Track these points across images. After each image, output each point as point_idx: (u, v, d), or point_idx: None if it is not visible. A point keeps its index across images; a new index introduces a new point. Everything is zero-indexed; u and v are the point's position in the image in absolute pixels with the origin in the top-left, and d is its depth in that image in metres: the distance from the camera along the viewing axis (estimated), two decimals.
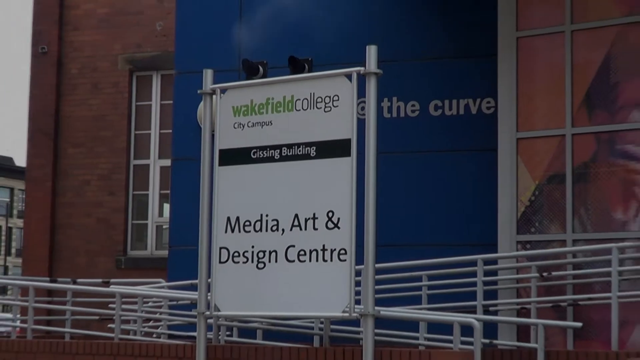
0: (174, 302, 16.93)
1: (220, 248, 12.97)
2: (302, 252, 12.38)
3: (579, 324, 14.96)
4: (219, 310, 13.09)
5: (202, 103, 13.80)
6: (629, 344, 14.88)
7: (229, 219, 12.97)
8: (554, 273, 15.96)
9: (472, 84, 17.83)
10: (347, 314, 12.09)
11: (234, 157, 13.06)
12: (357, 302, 12.29)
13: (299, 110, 12.68)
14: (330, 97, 12.40)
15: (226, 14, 19.45)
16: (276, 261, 12.58)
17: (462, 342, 12.65)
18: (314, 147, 12.46)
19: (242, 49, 17.88)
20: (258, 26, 19.05)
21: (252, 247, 12.75)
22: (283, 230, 12.56)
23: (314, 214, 12.34)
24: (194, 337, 13.72)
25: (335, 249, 12.15)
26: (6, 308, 28.56)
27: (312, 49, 16.18)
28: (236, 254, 12.86)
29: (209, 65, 13.95)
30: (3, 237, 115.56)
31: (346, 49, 13.27)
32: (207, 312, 13.12)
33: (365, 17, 18.35)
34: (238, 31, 19.15)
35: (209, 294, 13.06)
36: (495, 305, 16.12)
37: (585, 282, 15.66)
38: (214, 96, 13.34)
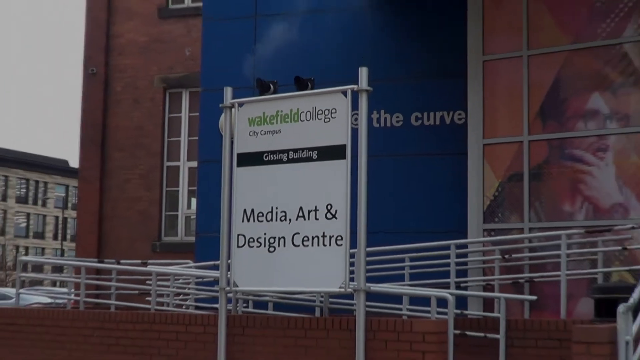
0: (200, 280, 16.90)
1: (238, 235, 12.99)
2: (305, 238, 12.40)
3: (534, 297, 14.94)
4: (237, 286, 13.10)
5: (223, 115, 13.78)
6: (575, 314, 14.86)
7: (245, 210, 12.97)
8: (513, 255, 15.94)
9: (446, 99, 17.77)
10: (342, 289, 12.13)
11: (249, 159, 13.09)
12: (351, 279, 12.27)
13: (303, 120, 12.70)
14: (329, 110, 12.43)
15: (243, 41, 19.42)
16: (284, 245, 12.59)
17: (438, 313, 12.62)
18: (316, 151, 12.49)
19: (256, 70, 17.86)
20: (269, 51, 19.05)
21: (264, 234, 12.77)
22: (290, 220, 12.57)
23: (316, 207, 12.35)
24: (216, 309, 13.72)
25: (333, 236, 12.17)
26: (62, 284, 28.57)
27: (314, 70, 16.12)
28: (251, 240, 12.87)
29: (228, 83, 13.95)
30: (60, 226, 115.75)
31: (342, 70, 13.27)
32: (227, 288, 13.13)
33: (358, 43, 18.32)
34: (253, 55, 19.14)
35: (228, 272, 13.08)
36: (465, 282, 16.08)
37: (539, 262, 15.62)
38: (233, 109, 13.38)
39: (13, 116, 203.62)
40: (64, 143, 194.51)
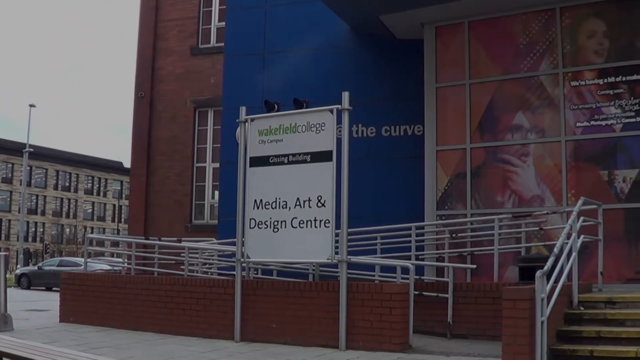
0: (221, 253, 16.89)
1: (250, 219, 13.00)
2: (301, 222, 12.43)
3: (474, 266, 15.00)
4: (249, 258, 13.11)
5: (239, 127, 13.74)
6: (505, 278, 14.85)
7: (255, 200, 12.98)
8: (459, 234, 15.94)
9: (408, 116, 17.76)
10: (329, 260, 12.19)
11: (259, 161, 13.10)
12: (336, 253, 12.28)
13: (300, 132, 12.72)
14: (319, 124, 12.47)
15: (254, 71, 19.42)
16: (285, 227, 12.61)
17: (402, 278, 12.61)
18: (309, 156, 12.52)
19: (264, 94, 17.84)
20: (274, 79, 19.03)
21: (270, 218, 12.79)
22: (289, 207, 12.60)
23: (309, 198, 12.37)
24: (233, 275, 13.69)
25: (322, 220, 12.20)
26: (118, 255, 28.76)
27: (308, 93, 16.10)
28: (260, 223, 12.89)
29: (243, 104, 13.99)
30: (117, 212, 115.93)
31: (330, 93, 13.26)
32: (242, 259, 13.13)
33: (342, 72, 18.32)
34: (261, 82, 19.14)
35: (243, 247, 13.07)
36: (423, 255, 16.08)
37: (478, 240, 15.63)
38: (247, 123, 13.37)
39: (83, 126, 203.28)
40: (121, 148, 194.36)
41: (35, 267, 44.34)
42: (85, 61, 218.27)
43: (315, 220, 12.34)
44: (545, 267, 10.05)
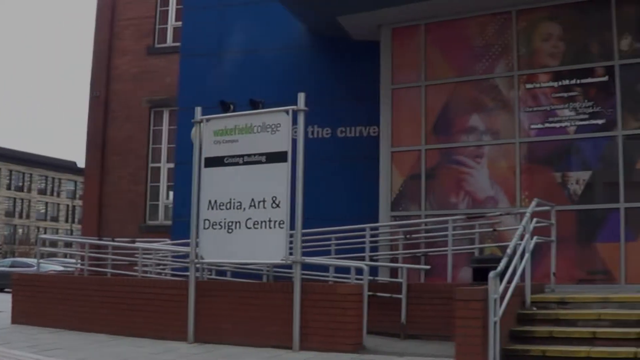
0: (175, 254, 16.81)
1: (204, 219, 12.92)
2: (256, 223, 12.38)
3: (428, 267, 15.03)
4: (203, 259, 13.05)
5: (194, 128, 13.68)
6: (458, 279, 14.94)
7: (210, 201, 12.92)
8: (413, 235, 16.01)
9: (364, 117, 17.83)
10: (284, 261, 12.18)
11: (214, 162, 13.03)
12: (291, 253, 12.28)
13: (255, 133, 12.68)
14: (275, 124, 12.43)
15: (210, 72, 19.39)
16: (239, 228, 12.55)
17: (356, 279, 12.61)
18: (264, 156, 12.47)
19: (220, 93, 17.73)
20: (230, 79, 18.99)
21: (225, 219, 12.72)
22: (244, 208, 12.54)
23: (264, 198, 12.33)
24: (187, 276, 13.63)
25: (276, 220, 12.16)
26: (71, 256, 28.51)
27: (265, 93, 16.09)
28: (214, 223, 12.82)
29: (198, 104, 13.89)
30: (70, 212, 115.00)
31: (287, 94, 13.22)
32: (196, 260, 13.07)
33: (299, 73, 18.34)
34: (217, 82, 19.08)
35: (197, 248, 13.01)
36: (377, 255, 16.12)
37: (432, 241, 15.68)
38: (202, 124, 13.29)
39: (35, 126, 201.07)
40: (74, 148, 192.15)
41: None
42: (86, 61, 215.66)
43: (269, 221, 12.30)
44: (498, 268, 10.11)
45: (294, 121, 12.36)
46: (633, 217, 14.33)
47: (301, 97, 12.42)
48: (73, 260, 23.98)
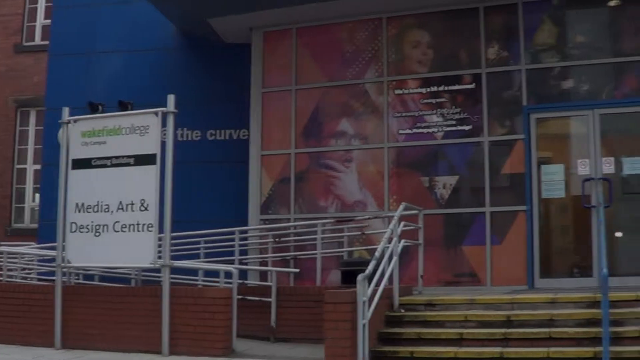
0: (42, 257, 16.43)
1: (71, 222, 12.62)
2: (124, 226, 12.16)
3: (297, 270, 15.08)
4: (70, 263, 12.76)
5: (62, 128, 13.36)
6: (327, 282, 15.02)
7: (77, 204, 12.63)
8: (282, 239, 16.00)
9: (234, 120, 17.73)
10: (152, 265, 12.03)
11: (81, 164, 12.75)
12: (160, 257, 12.13)
13: (124, 134, 12.48)
14: (144, 126, 12.27)
15: (78, 72, 18.96)
16: (107, 231, 12.31)
17: (225, 283, 12.54)
18: (133, 158, 12.28)
19: (89, 94, 17.27)
20: (99, 80, 18.60)
21: (92, 222, 12.45)
22: (112, 211, 12.30)
23: (132, 201, 12.13)
24: (54, 280, 13.30)
25: (145, 224, 11.98)
26: None
27: (135, 95, 15.77)
28: (82, 227, 12.53)
29: (66, 104, 13.57)
30: None
31: (157, 95, 13.05)
32: (63, 264, 12.76)
33: (169, 74, 18.11)
34: (86, 83, 18.68)
35: (64, 252, 12.70)
36: (246, 259, 16.07)
37: (301, 244, 15.72)
38: (69, 124, 13.00)
39: None
40: None
41: None
42: None
43: (138, 224, 12.10)
44: (367, 271, 10.19)
45: (164, 123, 12.20)
46: (498, 221, 14.69)
47: (171, 99, 12.27)
48: None
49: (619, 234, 14.32)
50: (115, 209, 12.30)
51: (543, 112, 14.84)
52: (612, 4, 14.79)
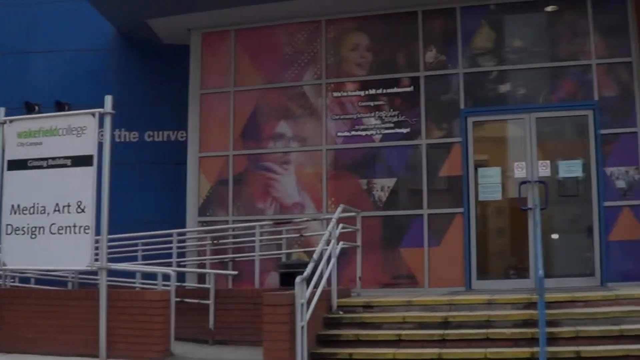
0: None
1: (7, 224, 12.38)
2: (61, 228, 11.97)
3: (236, 272, 15.07)
4: (6, 265, 12.56)
5: None
6: (266, 284, 15.01)
7: (12, 205, 12.40)
8: (221, 241, 15.96)
9: (172, 121, 17.67)
10: (89, 267, 11.83)
11: (17, 165, 12.51)
12: (97, 260, 11.99)
13: (60, 135, 12.27)
14: (81, 127, 12.08)
15: (16, 71, 18.68)
16: (44, 233, 12.11)
17: (163, 285, 12.47)
18: (70, 160, 12.08)
19: (25, 94, 17.23)
20: (37, 80, 18.39)
21: (28, 224, 12.23)
22: (48, 213, 12.10)
23: (69, 203, 11.94)
24: None
25: (82, 226, 11.80)
26: None
27: (72, 95, 15.79)
28: (17, 229, 12.31)
29: (3, 104, 13.31)
30: None
31: (95, 96, 12.90)
32: None
33: (106, 75, 17.98)
34: (23, 83, 18.45)
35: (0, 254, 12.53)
36: (185, 261, 15.99)
37: (240, 246, 15.70)
38: (5, 125, 12.78)
39: None
40: None
41: None
42: None
43: (74, 226, 11.94)
44: (305, 273, 10.19)
45: (101, 124, 12.08)
46: (436, 223, 14.84)
47: (108, 99, 12.12)
48: None
49: (554, 236, 14.57)
50: (51, 210, 12.13)
51: (480, 115, 15.02)
52: (549, 9, 15.04)
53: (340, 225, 12.31)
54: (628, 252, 14.07)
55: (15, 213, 12.42)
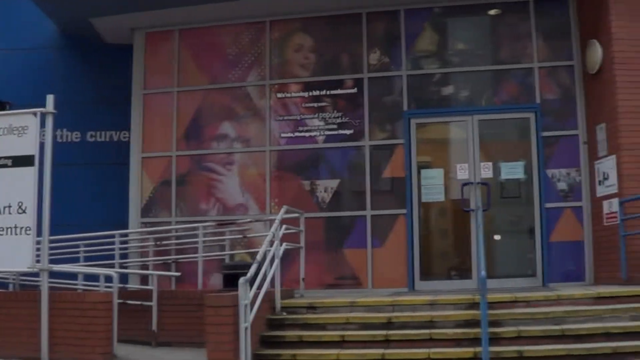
0: None
1: None
2: (1, 229, 11.81)
3: (179, 274, 14.98)
4: None
5: None
6: (209, 285, 14.99)
7: None
8: (164, 242, 15.89)
9: (115, 122, 17.52)
10: (30, 269, 11.68)
11: None
12: (38, 261, 11.86)
13: (1, 135, 12.10)
14: (22, 127, 11.92)
15: None
16: None
17: (106, 287, 12.38)
18: (11, 160, 11.92)
19: None
20: None
21: None
22: None
23: (10, 204, 11.79)
24: None
25: (23, 227, 11.65)
26: None
27: (13, 94, 15.59)
28: None
29: None
30: None
31: (37, 95, 12.75)
32: None
33: (48, 74, 17.75)
34: None
35: None
36: (127, 263, 15.89)
37: (183, 247, 15.65)
38: None
39: None
40: None
41: None
42: None
43: (15, 227, 11.79)
44: (248, 274, 10.19)
45: (43, 124, 11.96)
46: (379, 224, 14.94)
47: (50, 99, 11.99)
48: None
49: (497, 237, 14.75)
50: None
51: (423, 117, 15.15)
52: (492, 12, 15.22)
53: (284, 226, 12.32)
54: (569, 253, 14.30)
55: None
